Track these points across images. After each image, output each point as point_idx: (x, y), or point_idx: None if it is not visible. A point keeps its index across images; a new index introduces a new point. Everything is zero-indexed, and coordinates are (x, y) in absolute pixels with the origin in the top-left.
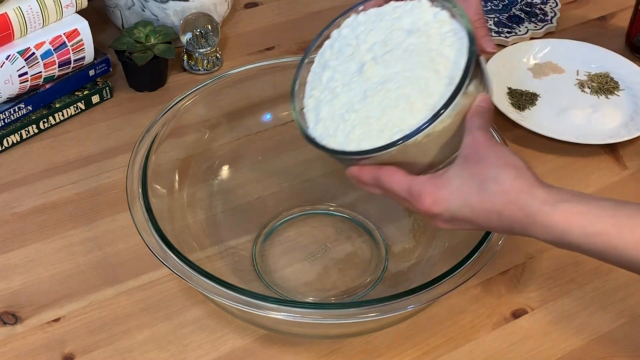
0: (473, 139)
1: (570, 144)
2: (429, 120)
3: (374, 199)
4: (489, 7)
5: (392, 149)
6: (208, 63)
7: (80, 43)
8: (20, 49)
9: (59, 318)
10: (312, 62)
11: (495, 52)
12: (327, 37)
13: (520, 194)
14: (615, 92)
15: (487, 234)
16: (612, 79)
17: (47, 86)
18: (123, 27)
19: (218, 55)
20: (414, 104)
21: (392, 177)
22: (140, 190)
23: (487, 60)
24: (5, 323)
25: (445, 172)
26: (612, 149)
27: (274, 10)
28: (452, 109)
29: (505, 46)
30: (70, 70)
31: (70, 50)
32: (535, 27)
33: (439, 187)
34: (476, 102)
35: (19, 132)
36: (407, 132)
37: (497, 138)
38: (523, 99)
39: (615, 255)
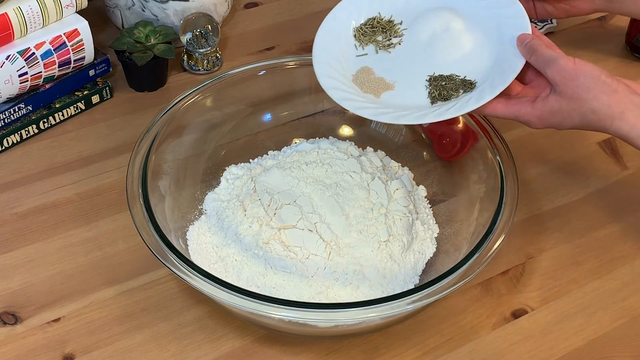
0: (557, 71)
1: (570, 144)
2: None
3: None
4: None
5: None
6: (208, 63)
7: (80, 43)
8: (20, 49)
9: (59, 318)
10: None
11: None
12: None
13: (614, 121)
14: None
15: (487, 234)
16: None
17: (47, 86)
18: (123, 27)
19: (218, 55)
20: None
21: (495, 110)
22: (140, 190)
23: None
24: (5, 323)
25: (545, 104)
26: (612, 149)
27: (274, 10)
28: None
29: None
30: (70, 70)
31: (70, 50)
32: (535, 27)
33: (543, 120)
34: (525, 40)
35: (19, 132)
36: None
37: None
38: None
39: None
